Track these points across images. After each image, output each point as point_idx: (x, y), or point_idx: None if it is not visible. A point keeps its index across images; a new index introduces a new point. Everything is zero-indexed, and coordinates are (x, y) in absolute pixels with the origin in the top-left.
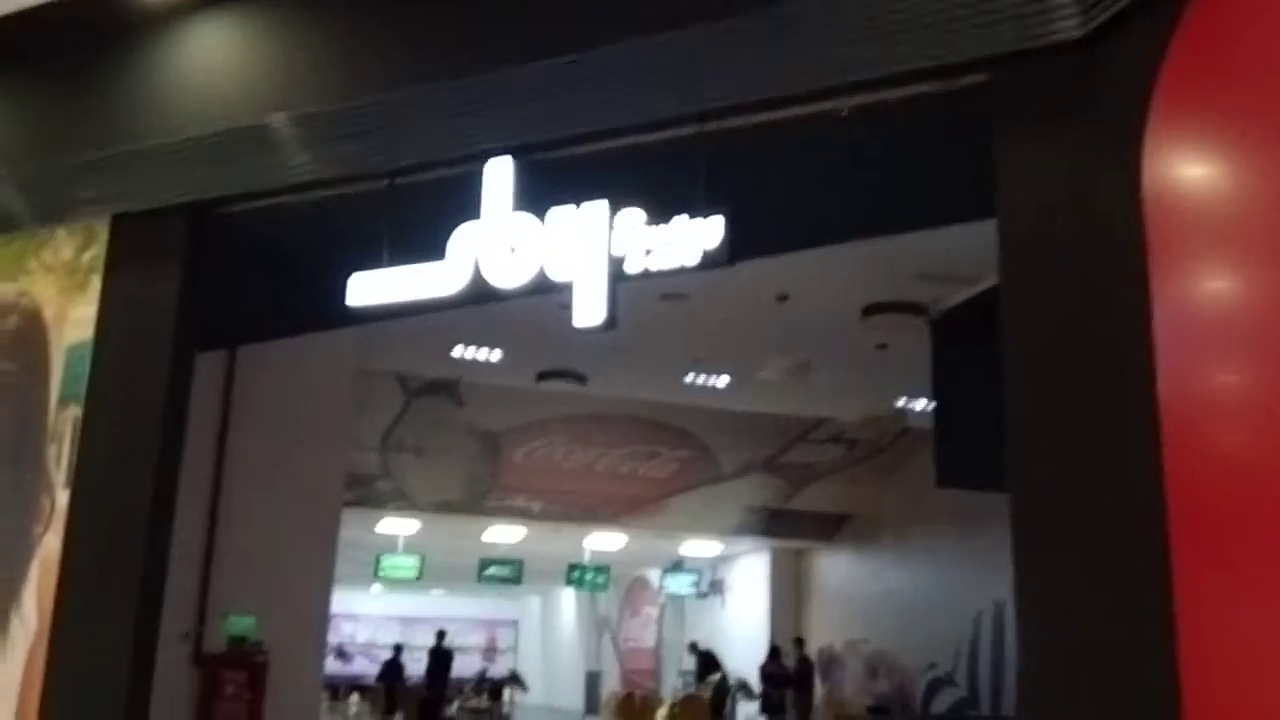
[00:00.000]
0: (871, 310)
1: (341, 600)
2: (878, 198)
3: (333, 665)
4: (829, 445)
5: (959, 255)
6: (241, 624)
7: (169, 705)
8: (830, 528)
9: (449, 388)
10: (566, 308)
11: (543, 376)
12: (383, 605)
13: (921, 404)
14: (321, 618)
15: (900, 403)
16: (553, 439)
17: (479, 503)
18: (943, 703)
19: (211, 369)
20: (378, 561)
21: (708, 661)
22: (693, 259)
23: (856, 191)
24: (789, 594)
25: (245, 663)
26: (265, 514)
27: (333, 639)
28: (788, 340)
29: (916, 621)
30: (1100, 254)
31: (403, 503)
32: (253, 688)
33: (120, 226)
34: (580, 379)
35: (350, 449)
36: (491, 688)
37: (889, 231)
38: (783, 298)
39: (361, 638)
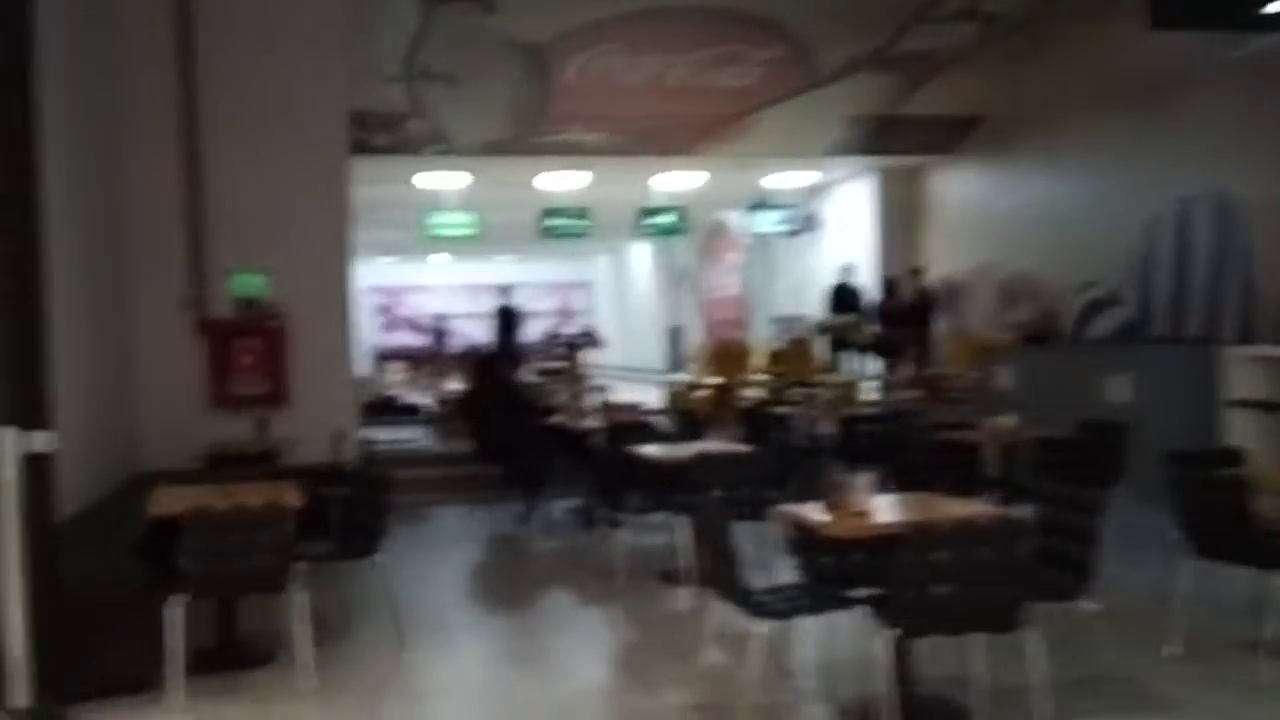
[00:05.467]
0: None
1: (403, 272)
2: None
3: (405, 338)
4: (956, 24)
5: None
6: (249, 283)
7: (178, 383)
8: (954, 135)
9: None
10: None
11: None
12: (447, 275)
13: None
14: (340, 275)
15: None
16: (610, 46)
17: (529, 139)
18: (1104, 327)
19: None
20: (427, 221)
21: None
22: None
23: None
24: (900, 221)
25: (259, 328)
26: (257, 155)
27: (402, 312)
28: None
29: (1067, 237)
30: None
31: (442, 145)
32: (272, 356)
33: None
34: None
35: (358, 77)
36: (566, 344)
37: None
38: None
39: (432, 310)
